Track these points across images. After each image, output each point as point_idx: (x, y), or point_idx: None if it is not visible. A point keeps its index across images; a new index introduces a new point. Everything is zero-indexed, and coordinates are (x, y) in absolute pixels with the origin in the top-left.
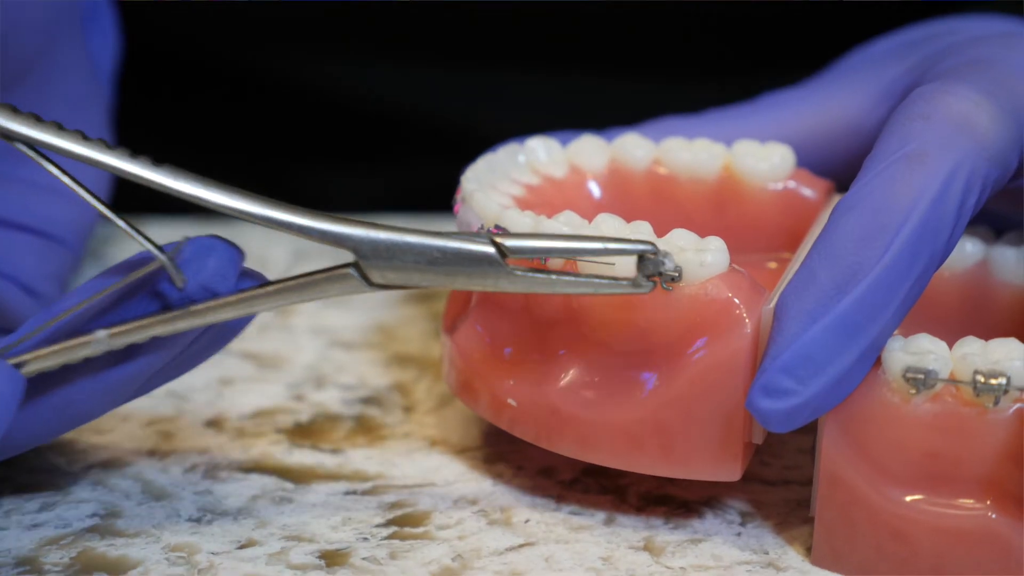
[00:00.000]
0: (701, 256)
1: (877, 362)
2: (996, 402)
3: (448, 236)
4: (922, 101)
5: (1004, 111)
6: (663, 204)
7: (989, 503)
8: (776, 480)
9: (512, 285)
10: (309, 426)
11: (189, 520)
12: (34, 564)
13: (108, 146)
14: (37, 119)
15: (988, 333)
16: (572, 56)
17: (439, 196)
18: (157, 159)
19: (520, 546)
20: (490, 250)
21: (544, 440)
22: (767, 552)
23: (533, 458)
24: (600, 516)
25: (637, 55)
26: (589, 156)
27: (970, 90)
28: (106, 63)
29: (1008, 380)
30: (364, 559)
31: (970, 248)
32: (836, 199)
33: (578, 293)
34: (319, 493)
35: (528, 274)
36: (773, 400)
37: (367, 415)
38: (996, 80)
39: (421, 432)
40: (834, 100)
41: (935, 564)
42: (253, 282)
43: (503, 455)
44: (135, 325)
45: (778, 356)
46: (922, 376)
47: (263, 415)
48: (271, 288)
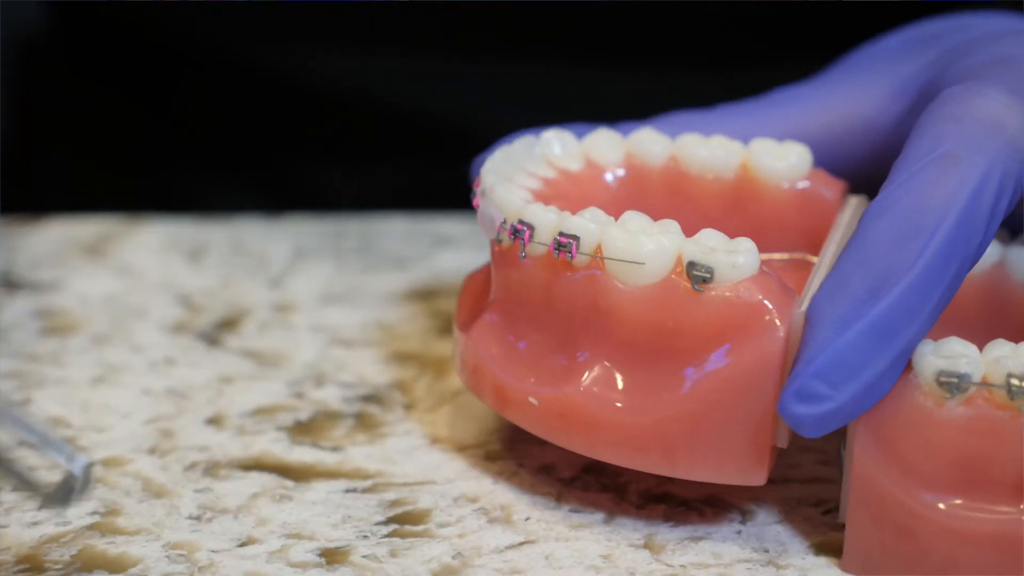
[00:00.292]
0: (733, 257)
1: (908, 366)
2: None
3: None
4: (952, 103)
5: None
6: (679, 201)
7: (1020, 507)
8: (776, 478)
9: None
10: (309, 424)
11: (189, 518)
12: (34, 562)
13: None
14: None
15: (1006, 335)
16: (576, 50)
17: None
18: (165, 155)
19: (520, 544)
20: None
21: (564, 440)
22: (767, 550)
23: (533, 456)
24: (600, 514)
25: (642, 48)
26: (605, 150)
27: (1000, 92)
28: None
29: None
30: (364, 557)
31: (987, 250)
32: (852, 200)
33: None
34: (319, 491)
35: None
36: (807, 405)
37: (367, 413)
38: (1020, 80)
39: (421, 430)
40: (847, 96)
41: (970, 568)
42: None
43: (503, 453)
44: None
45: (812, 361)
46: (956, 380)
47: (263, 413)
48: None
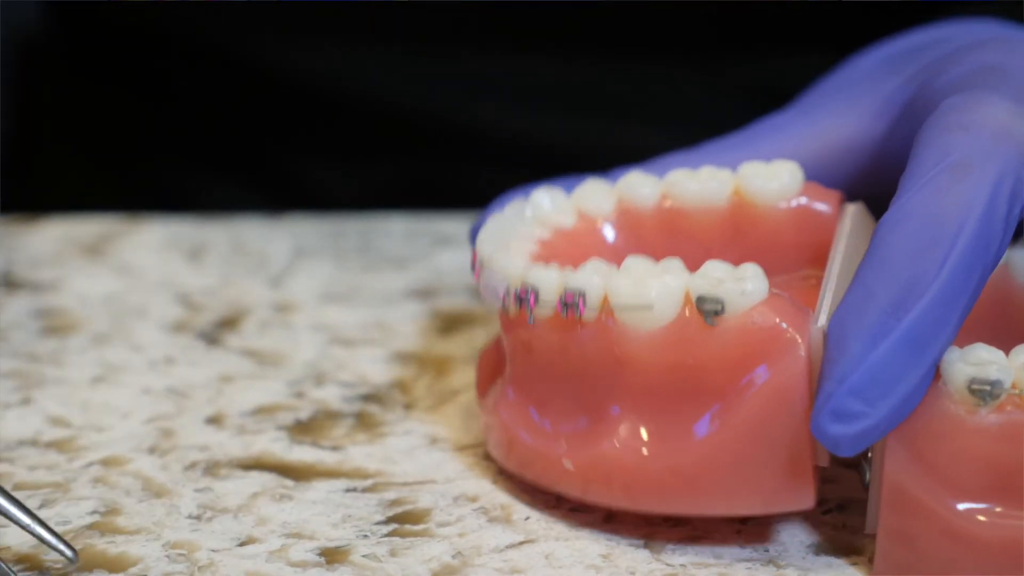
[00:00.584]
0: (741, 285)
1: (936, 375)
2: None
3: None
4: (956, 112)
5: None
6: (677, 238)
7: None
8: None
9: None
10: (309, 423)
11: (189, 517)
12: (34, 561)
13: None
14: None
15: (1011, 337)
16: (577, 46)
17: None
18: (164, 155)
19: (520, 543)
20: None
21: (608, 499)
22: (767, 550)
23: None
24: (600, 513)
25: (641, 43)
26: (596, 201)
27: (1002, 99)
28: None
29: None
30: (364, 556)
31: None
32: (850, 208)
33: None
34: (319, 490)
35: None
36: (844, 424)
37: (367, 412)
38: (1017, 86)
39: (421, 429)
40: (832, 119)
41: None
42: None
43: None
44: None
45: (845, 379)
46: (988, 387)
47: (263, 412)
48: None
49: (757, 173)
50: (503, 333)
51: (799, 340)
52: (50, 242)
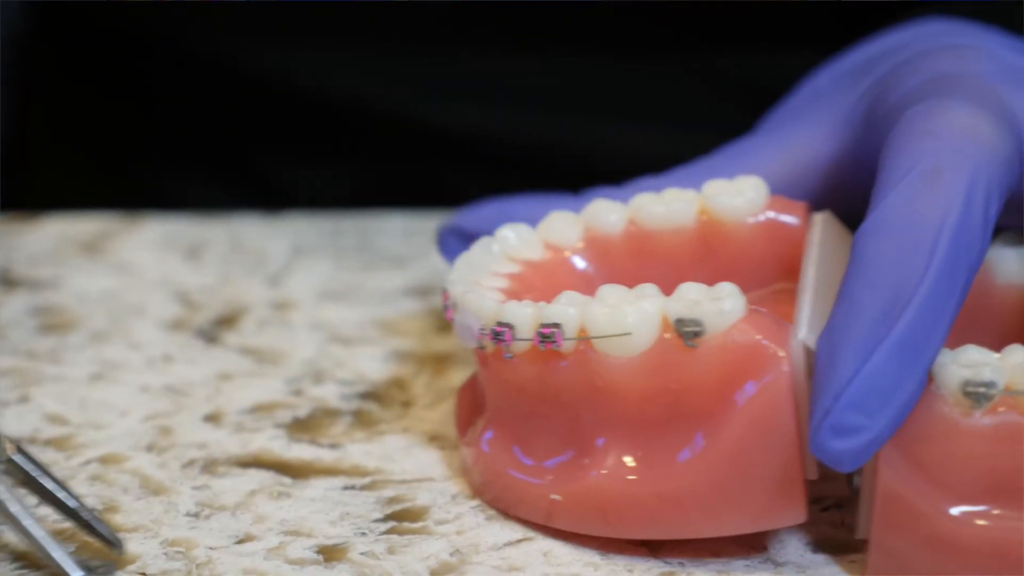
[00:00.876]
0: (719, 305)
1: (929, 379)
2: None
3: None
4: (921, 119)
5: (999, 119)
6: (648, 261)
7: None
8: None
9: None
10: (307, 421)
11: (187, 515)
12: (31, 559)
13: None
14: None
15: (992, 336)
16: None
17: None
18: (149, 158)
19: (518, 541)
20: None
21: (601, 528)
22: (766, 548)
23: None
24: None
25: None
26: (562, 231)
27: (961, 103)
28: None
29: None
30: (362, 554)
31: None
32: (817, 218)
33: None
34: (317, 488)
35: None
36: (845, 439)
37: (365, 410)
38: (977, 90)
39: (420, 427)
40: (795, 139)
41: None
42: None
43: None
44: None
45: (842, 393)
46: (983, 389)
47: (261, 410)
48: None
49: (722, 190)
50: (481, 371)
51: (782, 355)
52: (48, 240)
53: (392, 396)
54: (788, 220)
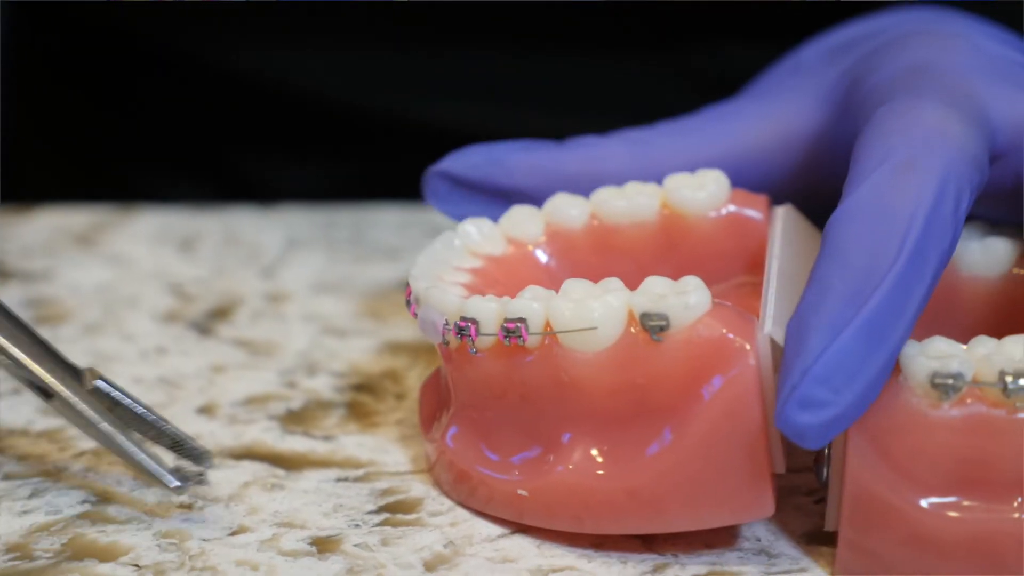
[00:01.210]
0: (684, 299)
1: (896, 370)
2: None
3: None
4: (893, 117)
5: (969, 117)
6: (611, 256)
7: (1020, 504)
8: None
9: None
10: (301, 413)
11: (180, 507)
12: (24, 551)
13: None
14: None
15: (959, 328)
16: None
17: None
18: (106, 150)
19: (512, 532)
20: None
21: (567, 524)
22: (759, 539)
23: None
24: None
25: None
26: (524, 226)
27: (930, 103)
28: None
29: None
30: (356, 546)
31: None
32: (779, 211)
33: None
34: (311, 480)
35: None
36: (811, 413)
37: (359, 402)
38: (948, 88)
39: (413, 419)
40: (778, 107)
41: (970, 571)
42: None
43: None
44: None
45: (809, 368)
46: (950, 381)
47: (255, 402)
48: None
49: (683, 184)
50: (445, 367)
51: (748, 349)
52: (42, 232)
53: (385, 388)
54: (750, 214)
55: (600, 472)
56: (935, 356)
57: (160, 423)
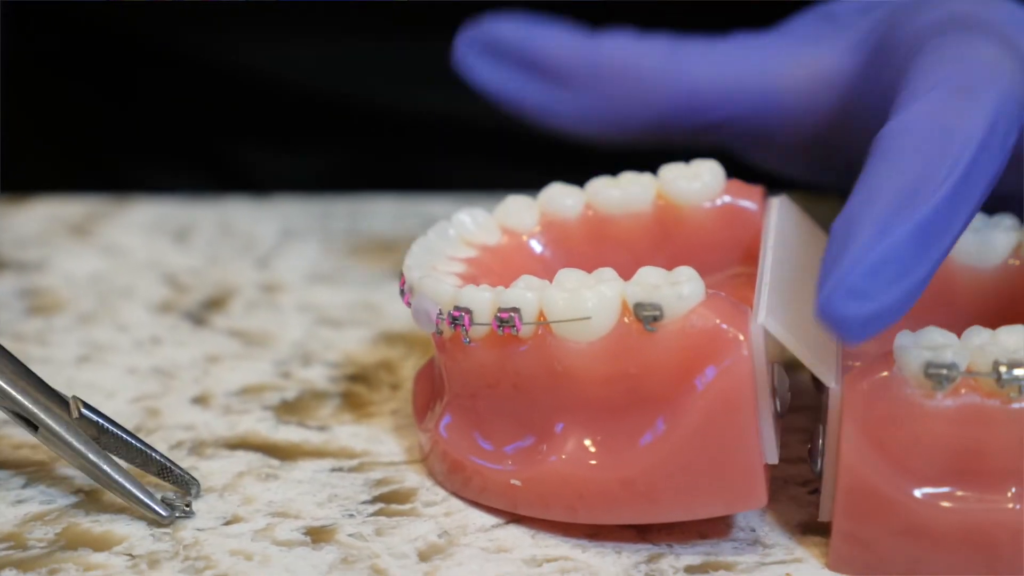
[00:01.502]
0: (677, 289)
1: (891, 360)
2: (1021, 391)
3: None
4: (949, 46)
5: (1018, 61)
6: (605, 246)
7: (1013, 494)
8: None
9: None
10: (295, 403)
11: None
12: (18, 540)
13: None
14: None
15: (952, 319)
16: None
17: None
18: (101, 141)
19: (506, 522)
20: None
21: (561, 514)
22: (754, 529)
23: None
24: None
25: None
26: (518, 216)
27: (988, 39)
28: None
29: None
30: (350, 536)
31: None
32: (774, 202)
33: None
34: (305, 470)
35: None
36: (857, 304)
37: (354, 392)
38: (996, 32)
39: (408, 409)
40: (805, 52)
41: (966, 561)
42: None
43: None
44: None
45: (863, 259)
46: (945, 371)
47: (249, 392)
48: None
49: (678, 175)
50: (438, 356)
51: (741, 339)
52: (36, 222)
53: (380, 378)
54: (745, 204)
55: (593, 462)
56: (929, 346)
57: (147, 450)
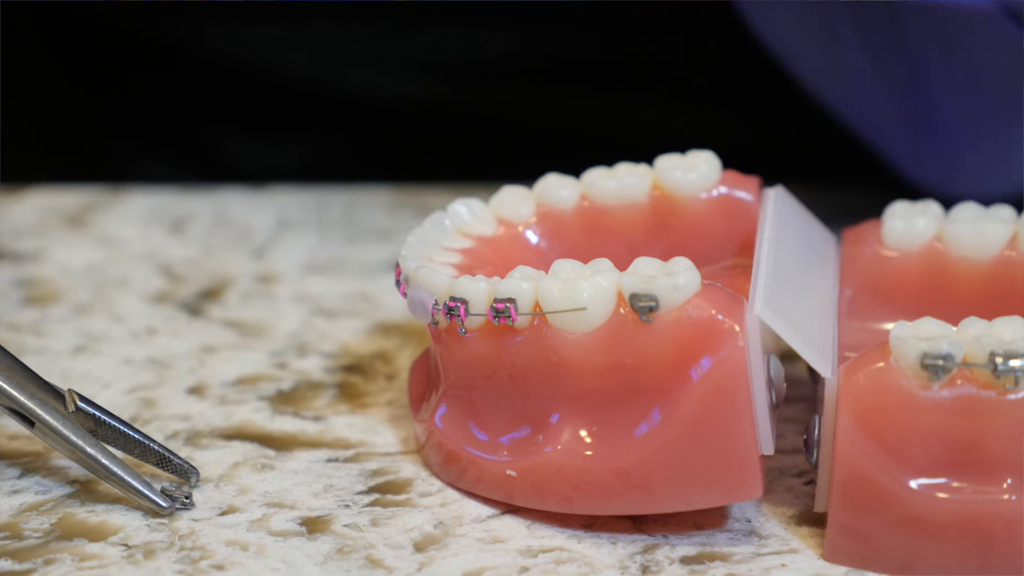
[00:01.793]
0: (673, 280)
1: (887, 350)
2: (1016, 382)
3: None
4: None
5: None
6: (601, 237)
7: (1009, 486)
8: None
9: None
10: (291, 393)
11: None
12: (13, 530)
13: None
14: None
15: (948, 310)
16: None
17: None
18: (96, 132)
19: (502, 513)
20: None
21: (556, 504)
22: (749, 520)
23: None
24: None
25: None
26: (514, 207)
27: None
28: None
29: None
30: (346, 526)
31: (922, 224)
32: (771, 193)
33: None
34: (301, 460)
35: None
36: None
37: (349, 383)
38: None
39: (403, 400)
40: None
41: (962, 552)
42: None
43: None
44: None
45: None
46: (941, 362)
47: (245, 382)
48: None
49: (674, 165)
50: (434, 347)
51: (737, 329)
52: (32, 212)
53: (376, 369)
54: (741, 195)
55: (589, 452)
56: (925, 337)
57: (145, 441)
